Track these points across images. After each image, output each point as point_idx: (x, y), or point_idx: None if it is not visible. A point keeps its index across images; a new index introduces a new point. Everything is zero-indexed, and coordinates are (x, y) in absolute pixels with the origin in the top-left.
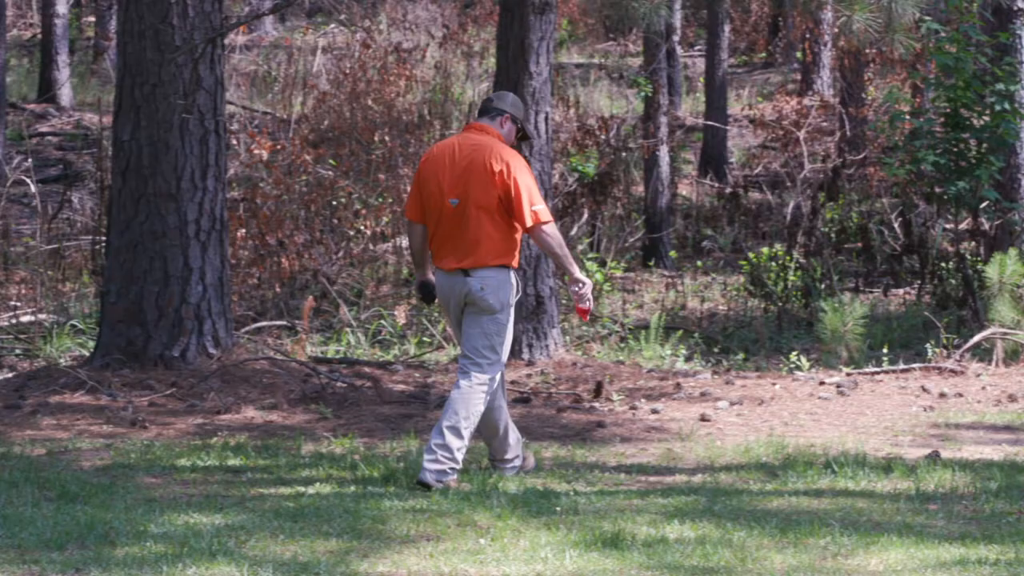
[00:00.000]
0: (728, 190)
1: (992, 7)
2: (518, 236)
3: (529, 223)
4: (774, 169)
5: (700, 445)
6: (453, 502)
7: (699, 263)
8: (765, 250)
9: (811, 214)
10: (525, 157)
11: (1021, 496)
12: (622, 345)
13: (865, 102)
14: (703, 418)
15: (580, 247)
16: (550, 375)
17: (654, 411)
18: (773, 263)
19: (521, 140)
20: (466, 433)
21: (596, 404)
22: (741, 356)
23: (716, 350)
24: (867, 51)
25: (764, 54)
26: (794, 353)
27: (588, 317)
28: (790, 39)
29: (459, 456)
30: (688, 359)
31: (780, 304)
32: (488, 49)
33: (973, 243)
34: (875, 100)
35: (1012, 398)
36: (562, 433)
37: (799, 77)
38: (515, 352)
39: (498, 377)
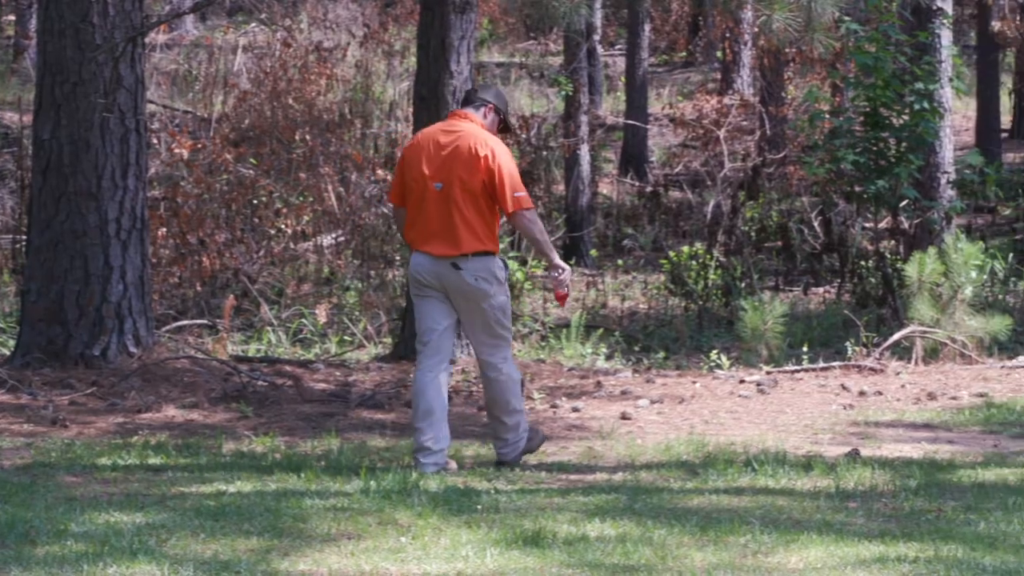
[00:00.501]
0: (648, 189)
1: (911, 7)
2: (499, 221)
3: (511, 208)
4: (694, 168)
5: (621, 443)
6: (374, 500)
7: (620, 262)
8: (685, 249)
9: (731, 213)
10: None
11: (940, 494)
12: (543, 344)
13: (785, 101)
14: (624, 416)
15: (501, 246)
16: (471, 373)
17: (575, 409)
18: (693, 262)
19: (502, 131)
20: (520, 404)
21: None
22: (662, 354)
23: (637, 348)
24: (787, 50)
25: (684, 53)
26: (714, 351)
27: (565, 303)
28: (710, 38)
29: (523, 427)
30: (609, 357)
31: (700, 303)
32: (409, 48)
33: (893, 242)
34: (795, 99)
35: (931, 396)
36: (483, 431)
37: (719, 76)
38: None
39: (511, 347)
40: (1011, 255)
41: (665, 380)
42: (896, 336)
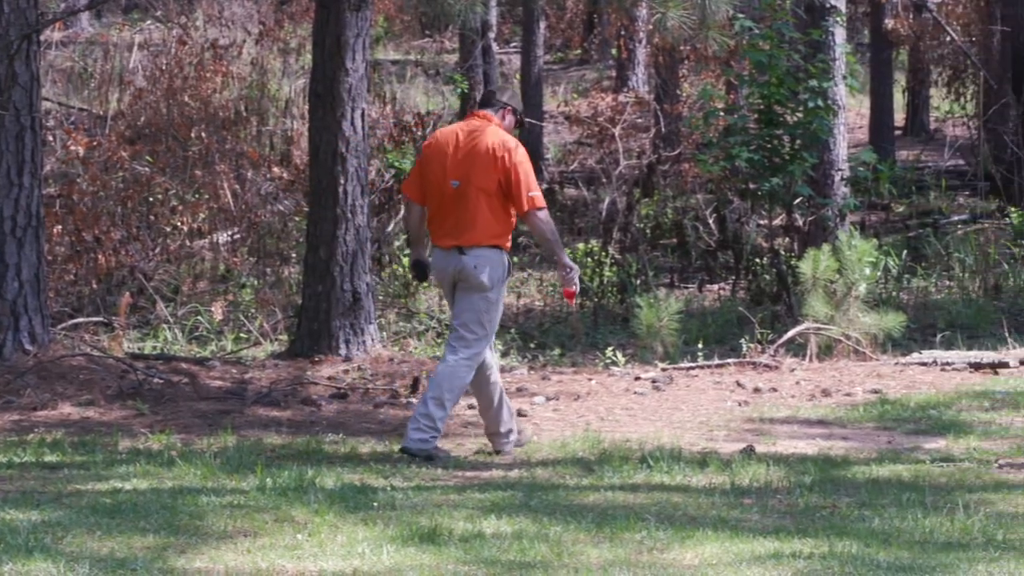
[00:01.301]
0: (544, 186)
1: (805, 4)
2: (513, 220)
3: (525, 207)
4: (589, 165)
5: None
6: (270, 498)
7: (515, 259)
8: (581, 246)
9: (626, 210)
10: (525, 146)
11: (834, 490)
12: (439, 341)
13: (680, 99)
14: (519, 413)
15: (397, 243)
16: (367, 371)
17: (471, 406)
18: (589, 259)
19: (516, 128)
20: (448, 405)
21: (413, 400)
22: (557, 352)
23: (532, 346)
24: (681, 48)
25: (579, 51)
26: (610, 348)
27: (574, 301)
28: (605, 36)
29: (440, 425)
30: (504, 355)
31: (596, 300)
32: (304, 46)
33: (787, 239)
34: (690, 97)
35: (826, 393)
36: (380, 429)
37: (614, 74)
38: (331, 348)
39: (484, 352)
40: (904, 252)
41: (561, 377)
42: (791, 333)
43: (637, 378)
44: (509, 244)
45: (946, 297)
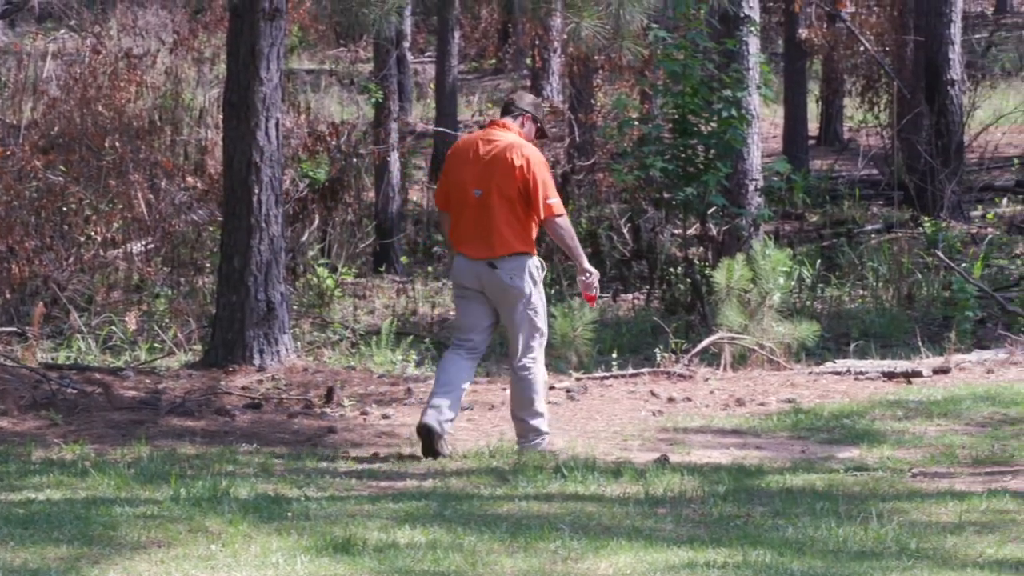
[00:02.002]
0: None
1: (719, 14)
2: (535, 226)
3: (544, 214)
4: None
5: None
6: (184, 508)
7: (430, 268)
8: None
9: None
10: (544, 153)
11: (748, 499)
12: (353, 351)
13: (594, 108)
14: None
15: (311, 253)
16: (281, 381)
17: (385, 416)
18: None
19: (539, 138)
20: (542, 407)
21: (327, 410)
22: None
23: None
24: (596, 57)
25: (494, 60)
26: None
27: (595, 304)
28: (520, 45)
29: (545, 426)
30: (419, 364)
31: None
32: (219, 55)
33: (701, 248)
34: (604, 106)
35: (740, 402)
36: (293, 439)
37: (529, 83)
38: (245, 358)
39: (543, 350)
40: (818, 262)
41: (475, 387)
42: (705, 342)
43: (551, 387)
44: (534, 248)
45: (860, 306)
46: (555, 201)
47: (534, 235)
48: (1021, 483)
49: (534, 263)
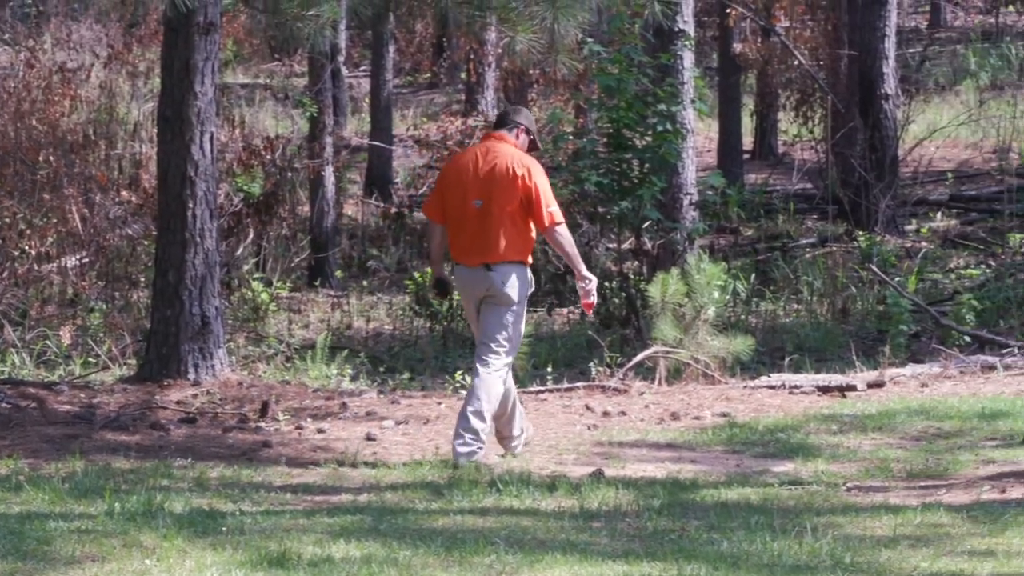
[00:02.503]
0: (393, 210)
1: (653, 28)
2: (533, 235)
3: (545, 223)
4: None
5: (366, 464)
6: (119, 523)
7: (365, 283)
8: (430, 269)
9: None
10: (542, 164)
11: (683, 513)
12: (288, 365)
13: None
14: (369, 437)
15: (246, 267)
16: (216, 395)
17: (320, 431)
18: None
19: (531, 150)
20: (488, 415)
21: (262, 424)
22: (407, 375)
23: (382, 369)
24: (531, 72)
25: (429, 75)
26: (459, 372)
27: (591, 310)
28: (455, 60)
29: (484, 436)
30: (354, 379)
31: (445, 323)
32: (153, 69)
33: (636, 263)
34: (539, 120)
35: (674, 416)
36: (228, 453)
37: (464, 97)
38: (180, 372)
39: (511, 361)
40: (753, 276)
41: (410, 401)
42: (640, 356)
43: None
44: (529, 259)
45: (794, 320)
46: (555, 209)
47: (532, 245)
48: (955, 497)
49: (527, 275)
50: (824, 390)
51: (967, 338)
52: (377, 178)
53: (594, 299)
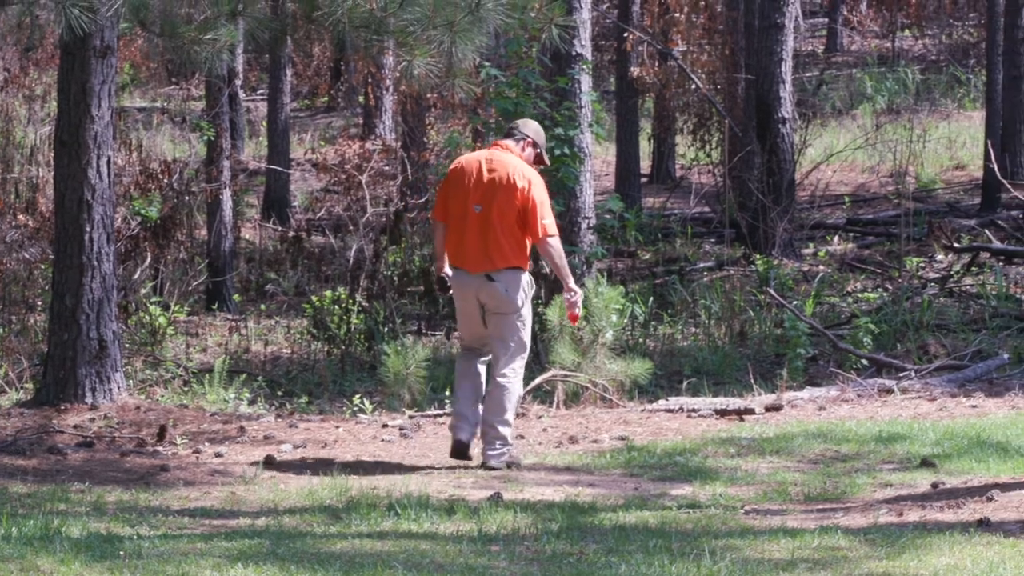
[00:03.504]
0: (291, 234)
1: (551, 52)
2: (528, 243)
3: (539, 235)
4: (337, 213)
5: (264, 488)
6: (16, 547)
7: (263, 306)
8: (328, 293)
9: (374, 257)
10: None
11: (582, 537)
12: (186, 389)
13: (427, 146)
14: (267, 461)
15: (143, 291)
16: (114, 419)
17: (218, 455)
18: (336, 306)
19: (536, 163)
20: (511, 418)
21: (160, 448)
22: (305, 399)
23: (280, 393)
24: (428, 95)
25: (327, 98)
26: (357, 396)
27: (576, 322)
28: (352, 83)
29: (511, 439)
30: (252, 402)
31: (344, 347)
32: (50, 93)
33: (535, 286)
34: (436, 144)
35: (573, 439)
36: (126, 477)
37: (361, 121)
38: (78, 396)
39: (524, 362)
40: (651, 299)
41: (308, 425)
42: (538, 380)
43: (385, 425)
44: (528, 263)
45: (692, 344)
46: (549, 222)
47: (528, 251)
48: (853, 520)
49: (527, 279)
50: (722, 413)
51: (864, 361)
52: (275, 202)
53: (579, 311)
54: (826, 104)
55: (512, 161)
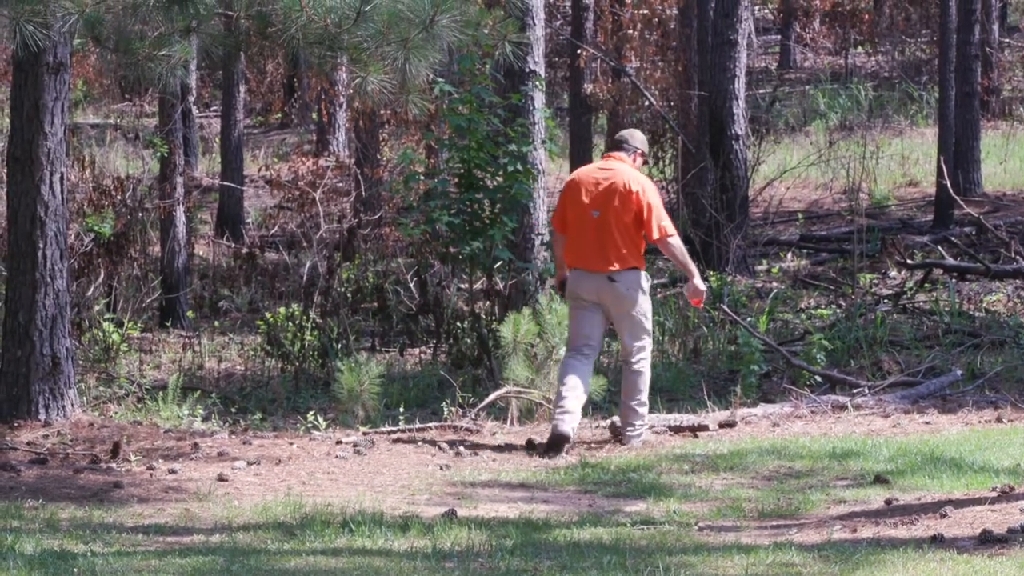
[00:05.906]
0: (245, 250)
1: (504, 69)
2: (643, 244)
3: (656, 235)
4: (290, 229)
5: (218, 505)
6: None
7: (216, 323)
8: (282, 310)
9: (327, 274)
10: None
11: (536, 553)
12: (140, 406)
13: (380, 163)
14: (221, 478)
15: (97, 307)
16: (67, 436)
17: (172, 471)
18: (290, 323)
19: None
20: (646, 398)
21: (114, 465)
22: (259, 416)
23: (234, 410)
24: (382, 112)
25: (280, 115)
26: (311, 412)
27: (702, 305)
28: (306, 100)
29: (646, 417)
30: (206, 419)
31: (297, 364)
32: (2, 109)
33: (488, 303)
34: (390, 160)
35: (527, 456)
36: (79, 494)
37: (315, 138)
38: (31, 413)
39: (650, 349)
40: None
41: (262, 441)
42: (492, 396)
43: (339, 442)
44: (644, 262)
45: None
46: (667, 223)
47: (643, 250)
48: (806, 536)
49: (645, 276)
50: (676, 430)
51: (818, 378)
52: (228, 218)
53: (703, 297)
54: (779, 121)
55: (625, 169)
